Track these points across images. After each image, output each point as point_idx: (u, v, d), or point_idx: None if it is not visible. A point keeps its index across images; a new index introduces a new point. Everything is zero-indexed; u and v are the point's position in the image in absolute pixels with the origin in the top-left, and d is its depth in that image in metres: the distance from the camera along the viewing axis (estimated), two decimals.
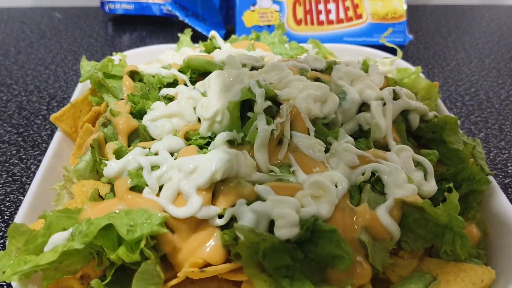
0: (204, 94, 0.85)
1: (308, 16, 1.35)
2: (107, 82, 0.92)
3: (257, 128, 0.71)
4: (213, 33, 1.03)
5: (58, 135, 0.88)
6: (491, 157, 1.05)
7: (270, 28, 1.35)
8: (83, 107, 0.95)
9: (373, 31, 1.36)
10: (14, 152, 1.03)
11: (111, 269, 0.61)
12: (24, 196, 0.92)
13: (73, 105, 0.92)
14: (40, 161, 1.01)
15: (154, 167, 0.68)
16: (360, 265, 0.63)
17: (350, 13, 1.35)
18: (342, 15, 1.36)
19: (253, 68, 0.91)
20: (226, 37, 1.49)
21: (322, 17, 1.35)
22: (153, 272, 0.59)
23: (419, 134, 0.86)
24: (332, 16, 1.36)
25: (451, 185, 0.69)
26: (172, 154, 0.73)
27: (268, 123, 0.72)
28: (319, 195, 0.65)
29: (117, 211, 0.63)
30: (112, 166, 0.68)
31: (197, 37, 1.25)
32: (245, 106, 0.77)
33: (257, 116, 0.73)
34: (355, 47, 1.19)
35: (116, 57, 1.01)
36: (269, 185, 0.66)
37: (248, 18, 1.35)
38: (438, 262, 0.68)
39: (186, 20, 1.46)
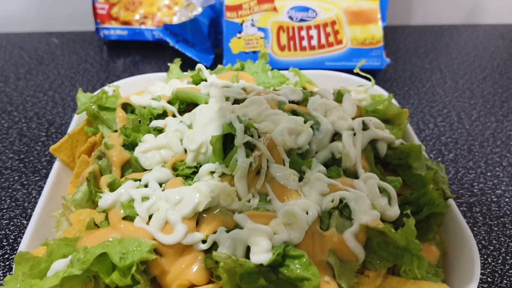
0: (190, 127, 0.93)
1: (292, 42, 1.44)
2: (101, 114, 1.00)
3: (237, 161, 0.80)
4: (199, 66, 1.12)
5: (57, 164, 0.96)
6: (459, 177, 1.13)
7: (256, 54, 1.43)
8: (80, 137, 1.02)
9: (352, 55, 1.44)
10: (16, 178, 1.11)
11: None
12: (26, 220, 1.00)
13: (70, 136, 1.00)
14: (40, 186, 1.08)
15: (144, 198, 0.76)
16: (328, 285, 0.71)
17: (331, 38, 1.44)
18: (323, 40, 1.44)
19: (236, 101, 0.99)
20: (215, 61, 1.58)
21: (305, 43, 1.44)
22: None
23: (387, 161, 0.94)
24: (314, 42, 1.44)
25: (409, 211, 0.77)
26: (161, 185, 0.81)
27: (247, 156, 0.80)
28: (291, 222, 0.73)
29: (110, 240, 0.71)
30: (106, 199, 0.76)
31: (187, 62, 1.33)
32: (228, 138, 0.86)
33: (237, 149, 0.81)
34: (333, 73, 1.27)
35: (110, 88, 1.09)
36: (247, 213, 0.74)
37: (235, 44, 1.44)
38: (399, 280, 0.76)
39: (177, 46, 1.54)
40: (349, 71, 1.32)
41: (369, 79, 1.16)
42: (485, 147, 1.24)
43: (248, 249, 0.70)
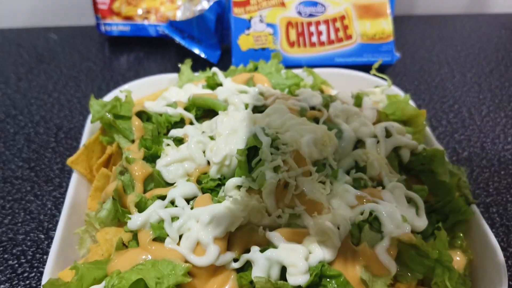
0: (212, 137, 0.92)
1: (301, 38, 1.41)
2: (117, 123, 0.97)
3: (265, 176, 0.79)
4: (214, 69, 1.09)
5: (75, 177, 0.94)
6: (474, 176, 1.14)
7: (265, 51, 1.41)
8: (95, 147, 1.00)
9: (362, 51, 1.42)
10: (29, 188, 1.08)
11: None
12: (43, 234, 0.98)
13: (86, 147, 0.97)
14: (55, 197, 1.06)
15: (174, 218, 0.75)
16: None
17: (340, 34, 1.42)
18: (332, 36, 1.42)
19: (255, 107, 0.98)
20: (222, 56, 1.55)
21: (314, 38, 1.42)
22: None
23: (410, 167, 0.94)
24: (324, 38, 1.42)
25: (440, 224, 0.77)
26: (188, 201, 0.80)
27: (275, 171, 0.79)
28: (324, 239, 0.73)
29: (143, 263, 0.70)
30: (135, 220, 0.74)
31: (193, 58, 1.26)
32: (252, 148, 0.84)
33: (265, 163, 0.80)
34: (347, 72, 1.25)
35: (122, 94, 1.06)
36: (279, 231, 0.74)
37: (244, 41, 1.41)
38: None
39: (183, 43, 1.51)
40: (360, 67, 1.31)
41: (384, 80, 1.14)
42: (497, 144, 1.24)
43: (283, 269, 0.70)
